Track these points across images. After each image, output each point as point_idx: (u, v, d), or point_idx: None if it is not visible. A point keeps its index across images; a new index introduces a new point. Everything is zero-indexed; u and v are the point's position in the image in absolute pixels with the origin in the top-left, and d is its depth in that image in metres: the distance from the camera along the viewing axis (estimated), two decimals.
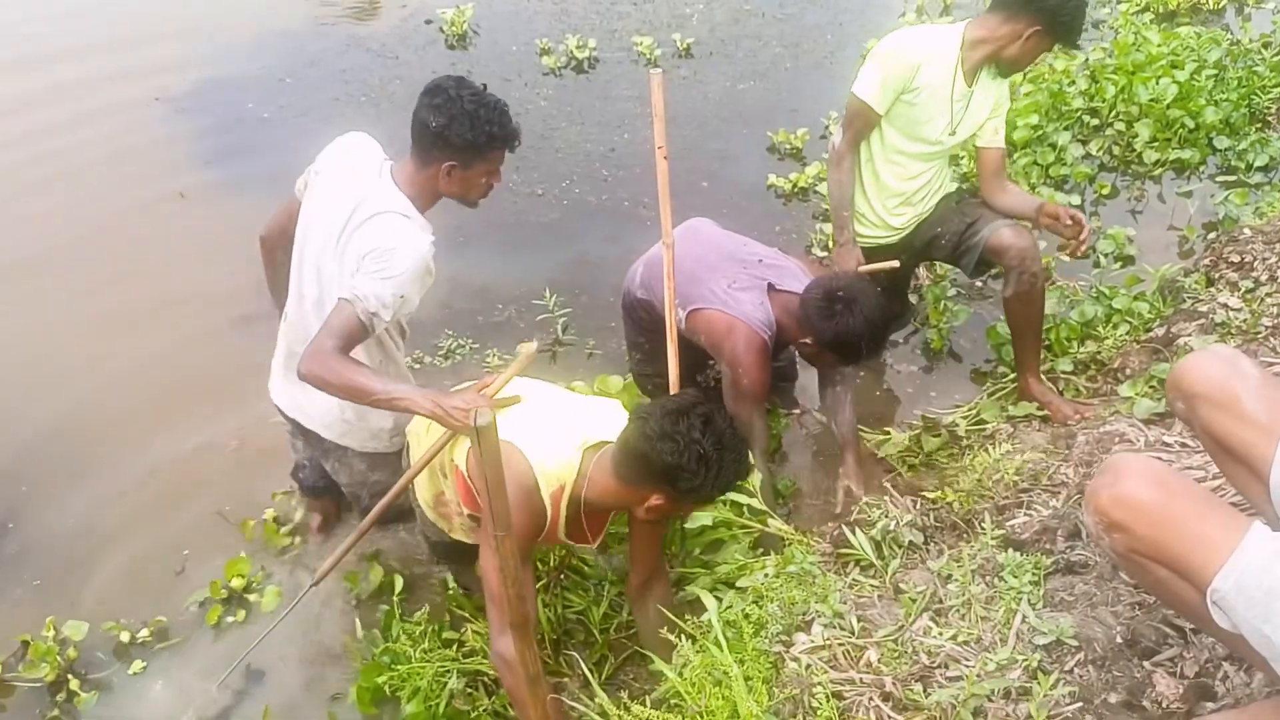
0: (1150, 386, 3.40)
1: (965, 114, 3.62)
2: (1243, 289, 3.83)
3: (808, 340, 3.31)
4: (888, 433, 3.84)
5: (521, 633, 2.10)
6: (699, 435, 2.39)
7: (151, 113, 6.22)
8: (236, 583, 3.41)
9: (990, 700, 2.07)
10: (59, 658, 3.16)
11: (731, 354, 3.30)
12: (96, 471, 3.86)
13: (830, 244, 4.14)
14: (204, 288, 4.76)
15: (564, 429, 2.61)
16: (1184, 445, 2.88)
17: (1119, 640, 2.16)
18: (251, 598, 3.41)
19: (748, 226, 4.95)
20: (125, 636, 3.28)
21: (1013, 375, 3.96)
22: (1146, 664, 2.12)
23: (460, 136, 2.76)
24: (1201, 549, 1.68)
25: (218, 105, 6.34)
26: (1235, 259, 4.08)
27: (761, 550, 3.03)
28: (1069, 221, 3.55)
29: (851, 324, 3.17)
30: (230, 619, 3.36)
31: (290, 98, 6.44)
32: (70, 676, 3.15)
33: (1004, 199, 3.79)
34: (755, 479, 3.10)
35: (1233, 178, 5.34)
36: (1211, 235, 4.83)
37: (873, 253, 3.87)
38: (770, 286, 3.41)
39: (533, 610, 2.70)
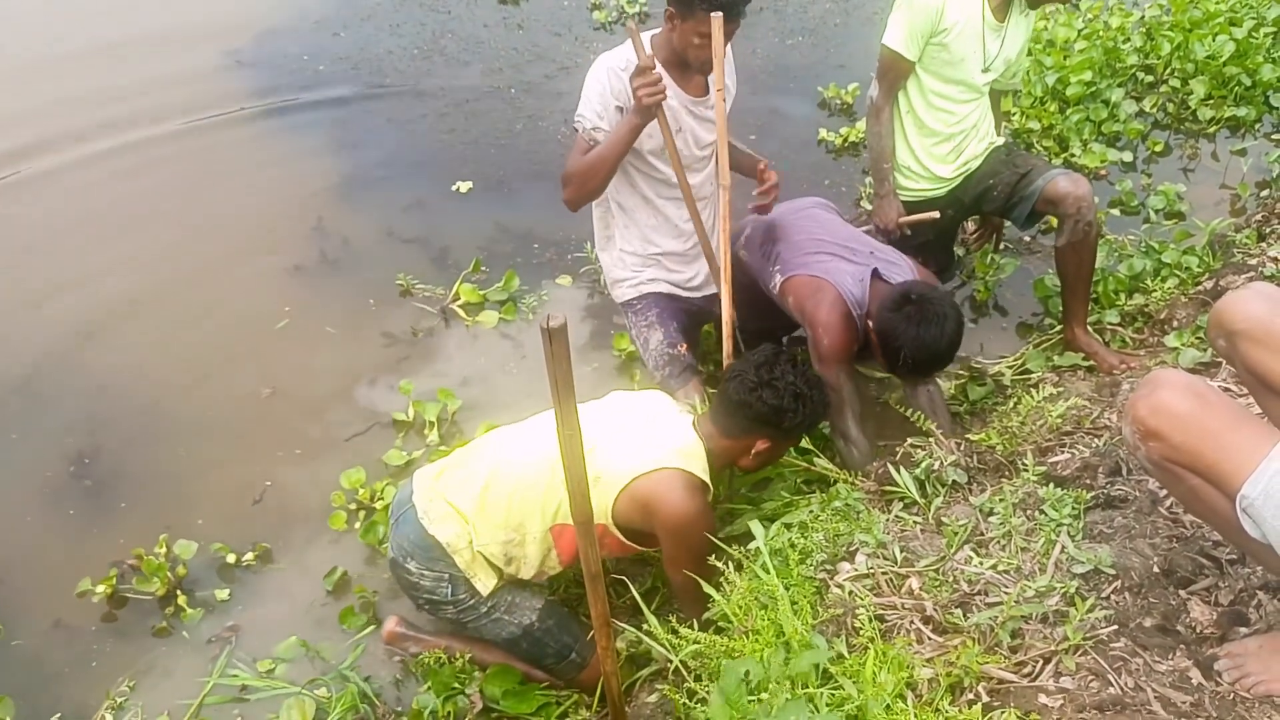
0: (1196, 337, 3.44)
1: (1000, 50, 3.66)
2: None
3: (872, 323, 3.21)
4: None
5: None
6: (792, 378, 2.77)
7: (211, 64, 6.34)
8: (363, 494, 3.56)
9: (1027, 623, 2.15)
10: (169, 574, 3.31)
11: (813, 313, 3.26)
12: (173, 410, 4.01)
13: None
14: (265, 238, 4.91)
15: (669, 423, 2.87)
16: (1227, 390, 2.91)
17: (1155, 570, 2.23)
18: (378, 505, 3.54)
19: (797, 180, 5.05)
20: (231, 558, 3.42)
21: (1059, 328, 3.99)
22: (1182, 593, 2.19)
23: None
24: (1233, 457, 1.74)
25: (275, 58, 6.45)
26: None
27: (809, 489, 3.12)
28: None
29: (906, 330, 3.03)
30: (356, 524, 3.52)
31: (345, 49, 6.54)
32: (179, 592, 3.30)
33: None
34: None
35: None
36: (1264, 193, 4.81)
37: (920, 205, 3.90)
38: (875, 273, 3.35)
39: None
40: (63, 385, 4.09)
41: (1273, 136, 5.34)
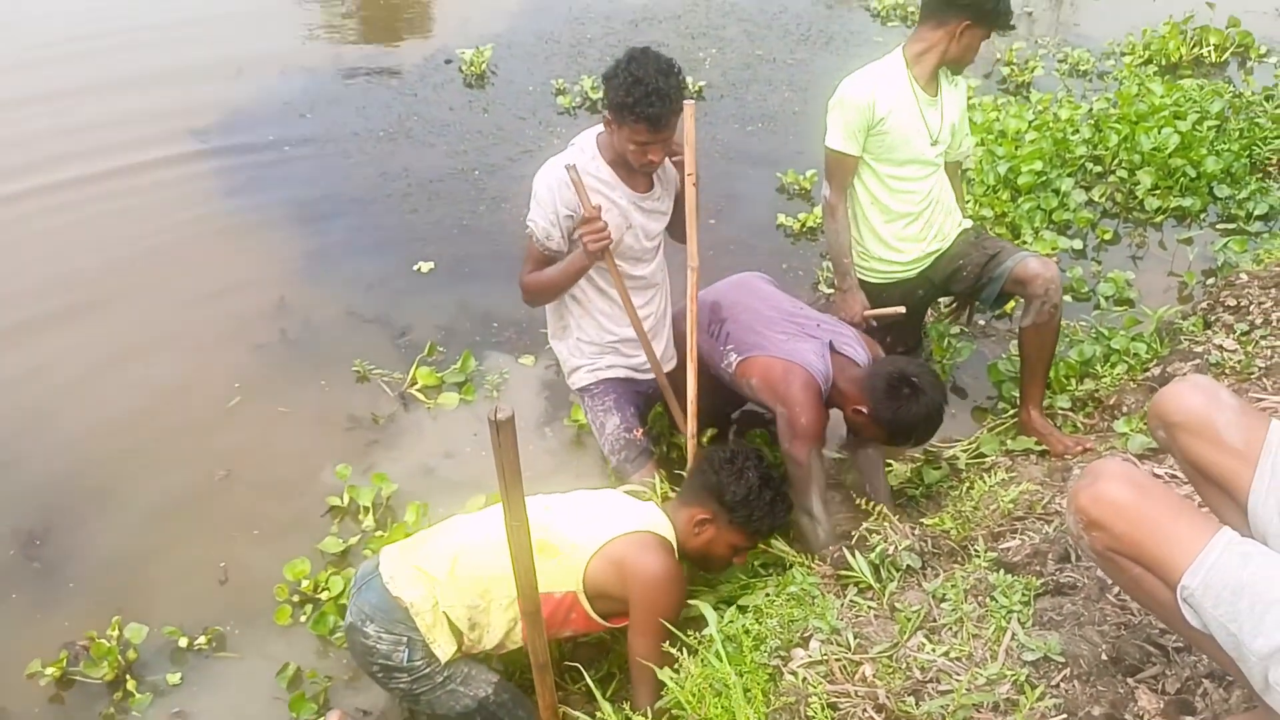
0: (1145, 424, 3.49)
1: (943, 121, 3.76)
2: (1238, 331, 3.93)
3: (863, 410, 3.31)
4: (890, 464, 3.93)
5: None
6: (752, 464, 2.95)
7: (177, 146, 6.38)
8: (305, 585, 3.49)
9: (979, 711, 2.16)
10: (119, 658, 3.24)
11: (786, 394, 3.31)
12: (125, 491, 3.95)
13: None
14: (225, 315, 4.89)
15: (634, 503, 2.97)
16: (1174, 477, 2.97)
17: (1104, 657, 2.24)
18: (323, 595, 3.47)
19: (757, 264, 5.08)
20: (184, 642, 3.35)
21: (1012, 412, 4.05)
22: (1130, 680, 2.20)
23: (611, 95, 3.09)
24: (1173, 547, 1.77)
25: (240, 138, 6.51)
26: (1232, 303, 4.18)
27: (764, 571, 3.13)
28: None
29: (914, 411, 3.22)
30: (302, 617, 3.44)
31: (311, 131, 6.61)
32: (128, 677, 3.23)
33: None
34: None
35: (1232, 226, 5.47)
36: (1210, 281, 4.93)
37: (891, 287, 3.97)
38: (831, 345, 3.46)
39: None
40: (8, 465, 4.03)
41: (1217, 226, 5.50)
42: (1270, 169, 5.93)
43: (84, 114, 6.71)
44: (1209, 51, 7.67)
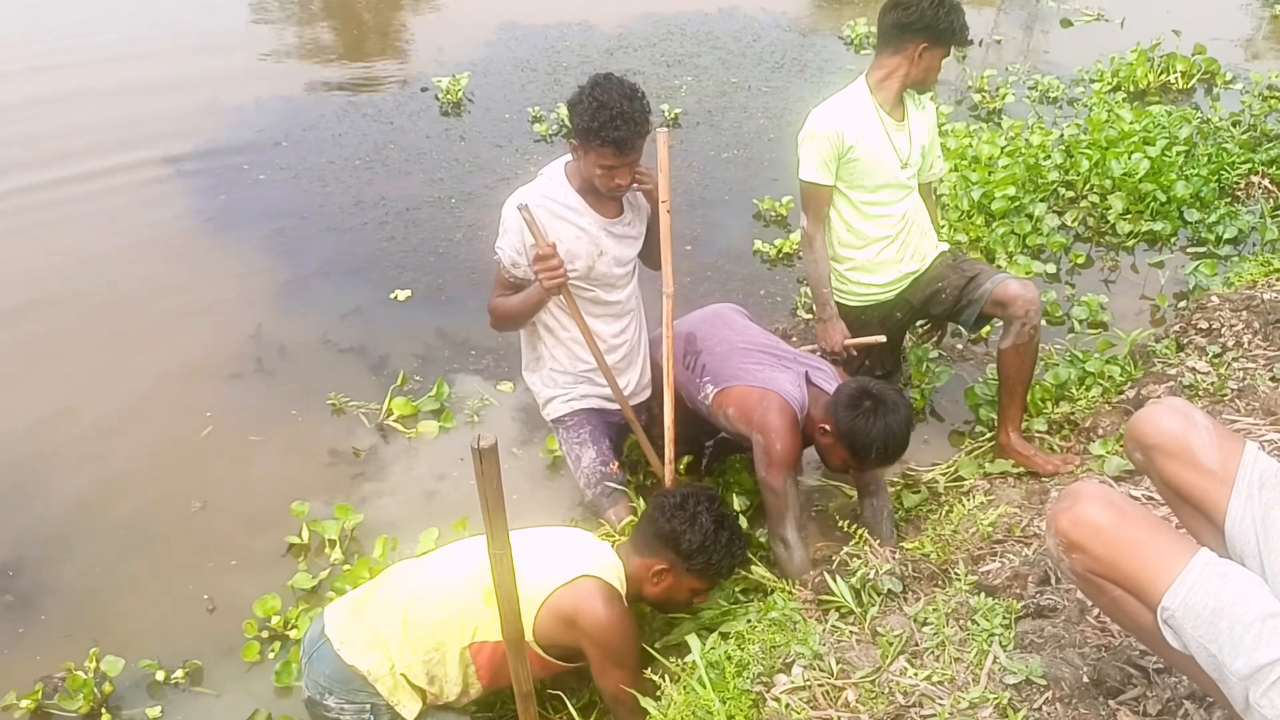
0: (1120, 445, 3.52)
1: (911, 144, 3.80)
2: (1210, 354, 3.97)
3: (826, 426, 3.27)
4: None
5: None
6: (704, 509, 2.86)
7: (152, 175, 6.36)
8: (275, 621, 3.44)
9: None
10: (95, 691, 3.20)
11: (763, 421, 3.30)
12: (100, 521, 3.92)
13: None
14: (200, 344, 4.87)
15: (586, 543, 2.88)
16: (1150, 499, 2.98)
17: (1085, 680, 2.25)
18: (292, 633, 3.42)
19: (732, 291, 5.15)
20: (160, 675, 3.30)
21: (990, 435, 4.07)
22: (1111, 703, 2.21)
23: (576, 121, 3.09)
24: (1152, 568, 1.78)
25: (215, 165, 6.49)
26: (1204, 326, 4.23)
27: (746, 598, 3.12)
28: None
29: (874, 425, 3.15)
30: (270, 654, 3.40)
31: (286, 159, 6.61)
32: (104, 711, 3.19)
33: None
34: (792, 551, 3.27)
35: (1202, 249, 5.53)
36: (1182, 304, 4.99)
37: (870, 310, 4.00)
38: (807, 377, 3.45)
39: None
40: None
41: (1188, 250, 5.57)
42: (1238, 193, 6.03)
43: (55, 140, 6.68)
44: (1176, 78, 7.79)
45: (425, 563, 2.90)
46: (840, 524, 3.20)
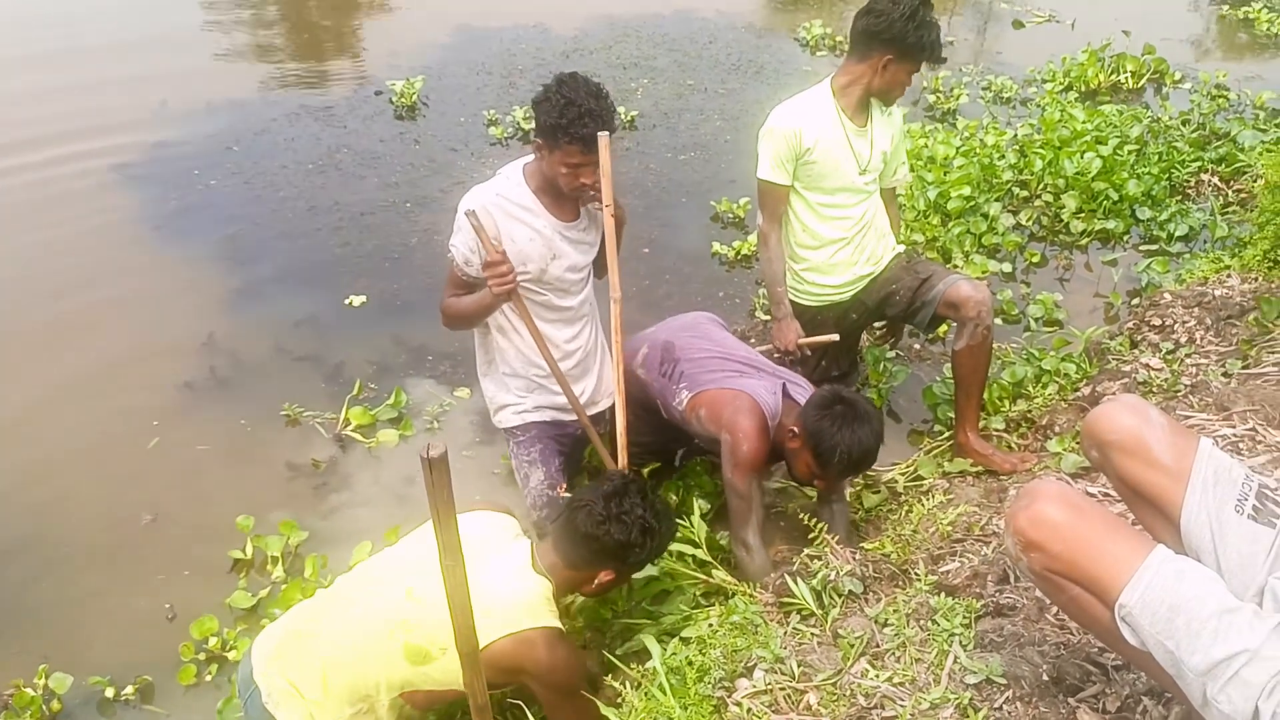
0: (1076, 443, 3.54)
1: (872, 150, 3.79)
2: (1164, 350, 4.00)
3: (795, 429, 3.24)
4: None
5: None
6: (641, 511, 2.66)
7: (102, 179, 6.26)
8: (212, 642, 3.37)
9: None
10: (43, 708, 3.14)
11: (732, 420, 3.27)
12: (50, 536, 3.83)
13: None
14: (153, 353, 4.79)
15: (507, 565, 2.70)
16: (1106, 495, 3.00)
17: (1045, 678, 2.25)
18: (231, 655, 3.35)
19: (691, 293, 5.13)
20: (110, 692, 3.23)
21: (948, 434, 4.08)
22: (1071, 700, 2.21)
23: (542, 118, 3.04)
24: (1110, 566, 1.78)
25: (165, 171, 6.39)
26: (1157, 323, 4.27)
27: (707, 601, 3.10)
28: None
29: (841, 430, 3.11)
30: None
31: (238, 163, 6.52)
32: None
33: None
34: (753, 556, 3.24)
35: (1154, 247, 5.59)
36: (1135, 301, 5.04)
37: (825, 310, 4.00)
38: (785, 390, 3.43)
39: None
40: None
41: (1140, 248, 5.62)
42: (1189, 191, 6.10)
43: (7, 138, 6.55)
44: (1126, 78, 7.89)
45: (343, 597, 2.73)
46: (801, 518, 3.17)
